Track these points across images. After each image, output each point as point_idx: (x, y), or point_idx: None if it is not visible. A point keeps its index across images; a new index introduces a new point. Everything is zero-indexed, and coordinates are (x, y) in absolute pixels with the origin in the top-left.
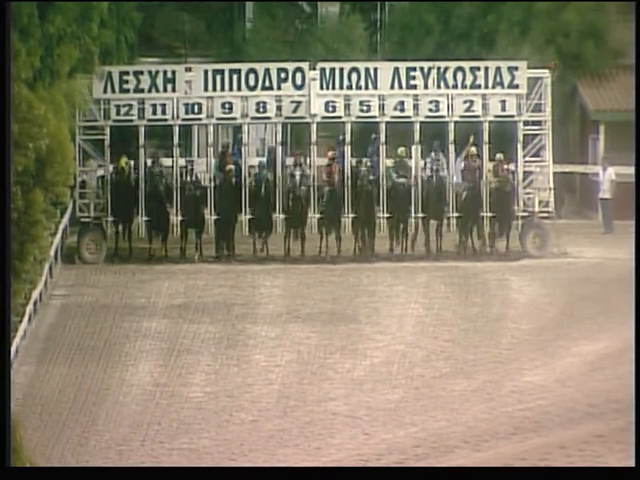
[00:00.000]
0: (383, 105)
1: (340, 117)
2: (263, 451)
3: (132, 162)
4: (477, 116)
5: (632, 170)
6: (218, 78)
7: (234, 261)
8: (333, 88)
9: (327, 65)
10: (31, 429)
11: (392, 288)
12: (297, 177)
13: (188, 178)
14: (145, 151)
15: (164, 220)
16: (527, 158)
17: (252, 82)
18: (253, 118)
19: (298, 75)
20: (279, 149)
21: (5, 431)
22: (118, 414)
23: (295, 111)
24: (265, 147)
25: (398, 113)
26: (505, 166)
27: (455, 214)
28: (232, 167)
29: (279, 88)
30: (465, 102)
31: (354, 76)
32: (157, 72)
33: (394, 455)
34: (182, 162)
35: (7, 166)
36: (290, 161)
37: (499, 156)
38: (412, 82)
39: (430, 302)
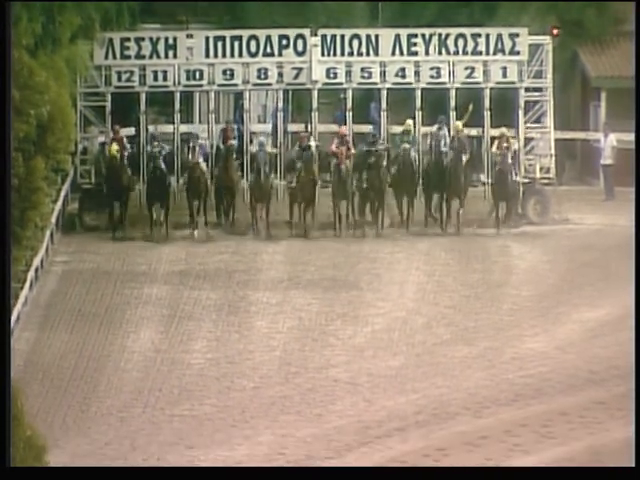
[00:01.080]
0: (384, 72)
1: (341, 84)
2: (264, 418)
3: (126, 146)
4: (478, 83)
5: (633, 137)
6: (219, 45)
7: (237, 229)
8: (334, 55)
9: (328, 32)
10: (32, 396)
11: (393, 255)
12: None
13: (190, 156)
14: (146, 118)
15: (164, 189)
16: (528, 125)
17: (253, 49)
18: (254, 85)
19: (299, 42)
20: (280, 115)
21: (5, 431)
22: (119, 381)
23: (296, 78)
24: (266, 113)
25: (399, 80)
26: (505, 144)
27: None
28: (234, 143)
29: (280, 55)
30: (466, 69)
31: (355, 43)
32: (158, 38)
33: (395, 422)
34: (183, 128)
35: (7, 133)
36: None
37: (503, 130)
38: (413, 49)
39: (431, 269)
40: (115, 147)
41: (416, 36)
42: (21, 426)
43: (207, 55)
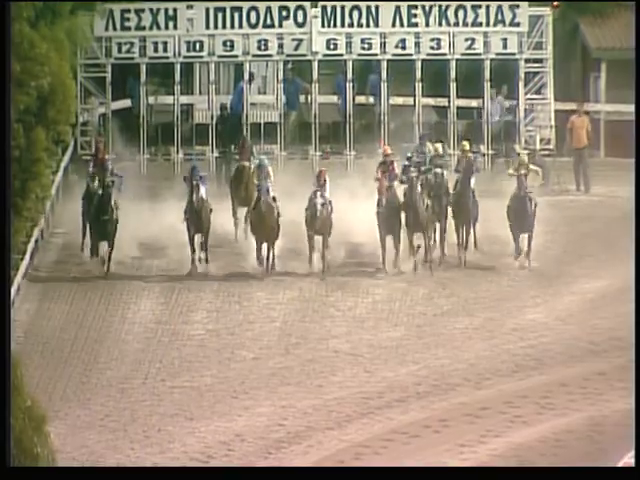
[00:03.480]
0: (384, 43)
1: (341, 55)
2: (265, 389)
3: (110, 179)
4: (478, 54)
5: (632, 108)
6: (219, 16)
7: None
8: (334, 26)
9: (328, 3)
10: (32, 367)
11: None
12: None
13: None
14: (146, 89)
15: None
16: (528, 96)
17: (253, 20)
18: (254, 56)
19: (300, 13)
20: (281, 86)
21: (5, 431)
22: (120, 352)
23: (296, 49)
24: (266, 85)
25: (399, 51)
26: (524, 171)
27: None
28: (247, 164)
29: (281, 26)
30: (466, 40)
31: (355, 14)
32: (158, 10)
33: (396, 393)
34: (183, 100)
35: (7, 105)
36: None
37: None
38: (413, 20)
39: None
40: (96, 181)
41: (416, 7)
42: (21, 396)
43: (207, 26)
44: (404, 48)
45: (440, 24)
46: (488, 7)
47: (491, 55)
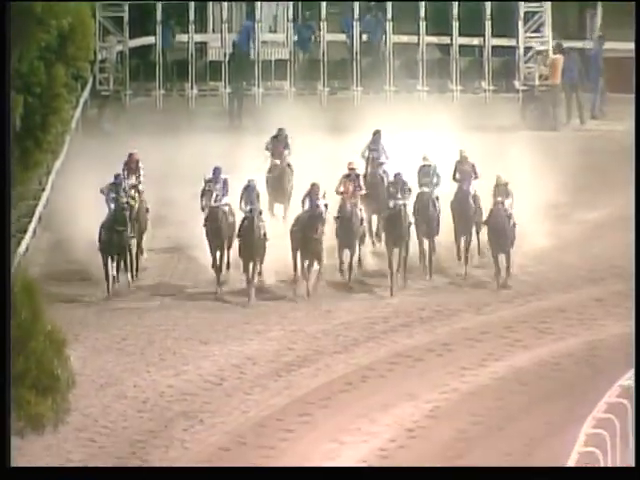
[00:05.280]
0: None
1: None
2: (275, 314)
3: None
4: None
5: (629, 45)
6: None
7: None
8: None
9: None
10: (52, 294)
11: None
12: None
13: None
14: (162, 28)
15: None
16: (528, 34)
17: None
18: None
19: None
20: (291, 25)
21: (5, 431)
22: (137, 278)
23: None
24: (277, 24)
25: None
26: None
27: None
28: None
29: None
30: None
31: None
32: None
33: (400, 318)
34: (197, 38)
35: (7, 104)
36: None
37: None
38: None
39: None
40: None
41: None
42: (41, 321)
43: None
44: None
45: None
46: None
47: None
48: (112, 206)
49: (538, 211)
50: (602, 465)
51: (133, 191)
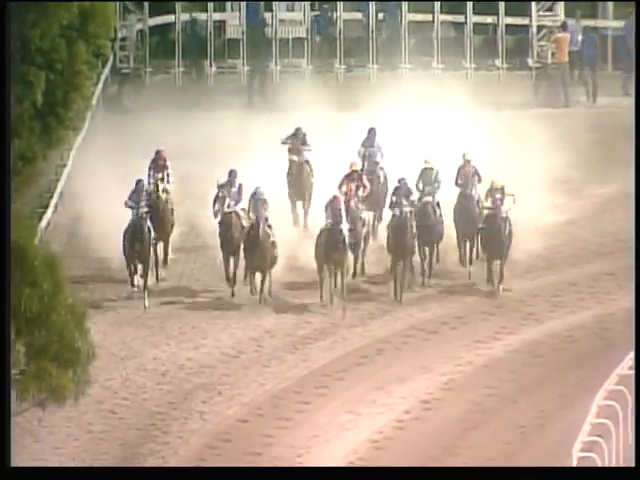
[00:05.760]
0: None
1: None
2: None
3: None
4: None
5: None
6: None
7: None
8: None
9: None
10: (74, 267)
11: None
12: None
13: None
14: (181, 6)
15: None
16: (540, 13)
17: None
18: None
19: None
20: (308, 4)
21: (5, 431)
22: None
23: None
24: (294, 3)
25: None
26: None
27: None
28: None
29: None
30: None
31: None
32: None
33: (415, 292)
34: (216, 17)
35: (7, 104)
36: None
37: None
38: None
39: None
40: (161, 186)
41: None
42: (63, 294)
43: None
44: None
45: None
46: None
47: None
48: (133, 215)
49: (550, 186)
50: (614, 436)
51: (161, 190)
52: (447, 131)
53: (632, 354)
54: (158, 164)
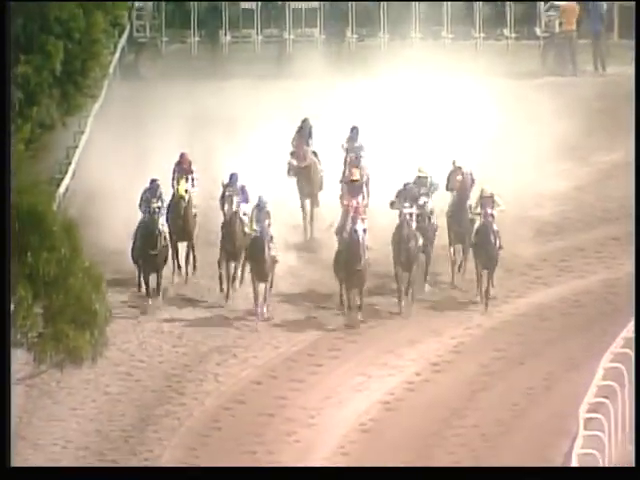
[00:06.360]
0: None
1: None
2: None
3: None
4: None
5: None
6: None
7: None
8: None
9: None
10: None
11: None
12: None
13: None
14: None
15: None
16: None
17: None
18: None
19: None
20: None
21: (5, 431)
22: None
23: None
24: None
25: None
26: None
27: None
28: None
29: None
30: None
31: None
32: None
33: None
34: None
35: (7, 104)
36: None
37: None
38: None
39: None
40: (184, 186)
41: None
42: (80, 258)
43: None
44: None
45: None
46: None
47: None
48: (144, 217)
49: (558, 153)
50: (619, 397)
51: (183, 194)
52: (456, 99)
53: (633, 321)
54: (182, 167)
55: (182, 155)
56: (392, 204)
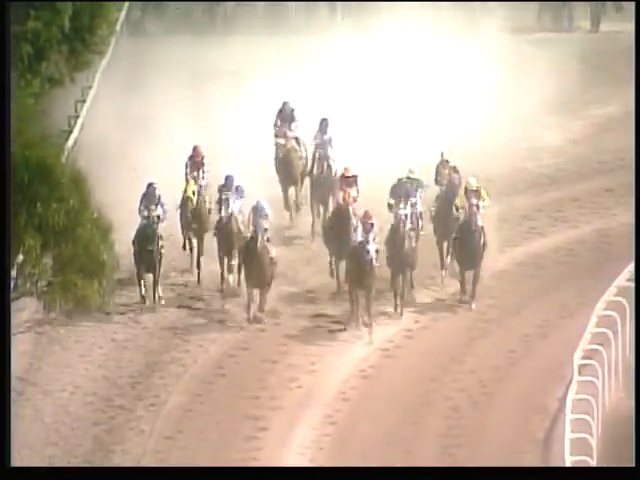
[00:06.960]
0: None
1: None
2: None
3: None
4: None
5: None
6: None
7: None
8: None
9: None
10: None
11: None
12: None
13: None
14: None
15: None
16: None
17: None
18: None
19: None
20: None
21: (5, 431)
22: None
23: None
24: None
25: None
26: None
27: None
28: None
29: None
30: None
31: None
32: None
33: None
34: None
35: (7, 104)
36: None
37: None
38: None
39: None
40: (192, 187)
41: None
42: (88, 209)
43: None
44: None
45: None
46: None
47: None
48: (143, 221)
49: (553, 108)
50: (613, 345)
51: (192, 191)
52: (450, 54)
53: (631, 266)
54: (195, 161)
55: (195, 148)
56: (390, 207)
